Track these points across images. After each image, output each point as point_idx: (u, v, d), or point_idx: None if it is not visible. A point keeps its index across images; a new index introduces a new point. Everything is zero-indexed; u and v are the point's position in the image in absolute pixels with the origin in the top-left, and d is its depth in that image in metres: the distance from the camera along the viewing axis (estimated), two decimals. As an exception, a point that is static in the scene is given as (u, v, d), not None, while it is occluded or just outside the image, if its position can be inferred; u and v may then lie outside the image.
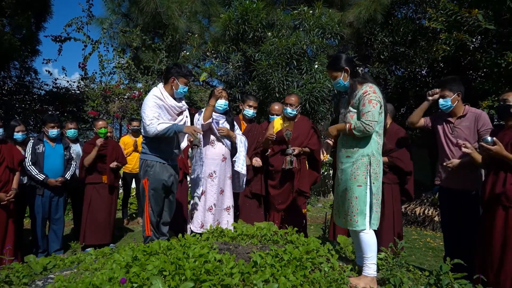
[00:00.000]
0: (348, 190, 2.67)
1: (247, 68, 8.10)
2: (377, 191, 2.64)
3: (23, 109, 8.90)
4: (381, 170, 2.69)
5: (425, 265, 4.74)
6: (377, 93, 2.59)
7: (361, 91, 2.64)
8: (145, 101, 3.49)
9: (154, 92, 3.54)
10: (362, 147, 2.63)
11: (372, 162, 2.61)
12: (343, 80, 2.79)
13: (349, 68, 2.75)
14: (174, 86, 3.57)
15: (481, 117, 3.50)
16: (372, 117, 2.52)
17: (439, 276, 2.69)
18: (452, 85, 3.55)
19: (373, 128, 2.54)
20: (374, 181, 2.62)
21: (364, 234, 2.61)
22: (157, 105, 3.47)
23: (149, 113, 3.41)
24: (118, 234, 6.08)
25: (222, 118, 4.21)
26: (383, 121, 2.70)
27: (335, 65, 2.83)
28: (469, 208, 3.51)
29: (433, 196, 7.24)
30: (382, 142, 2.74)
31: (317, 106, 6.99)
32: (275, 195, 4.39)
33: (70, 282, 2.41)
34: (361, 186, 2.60)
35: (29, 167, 4.51)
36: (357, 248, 2.86)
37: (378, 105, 2.56)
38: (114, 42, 9.70)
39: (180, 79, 3.56)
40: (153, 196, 3.56)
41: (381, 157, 2.72)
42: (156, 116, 3.42)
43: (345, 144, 2.76)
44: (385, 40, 8.99)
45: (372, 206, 2.62)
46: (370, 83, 2.66)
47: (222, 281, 2.21)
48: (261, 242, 3.43)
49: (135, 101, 8.36)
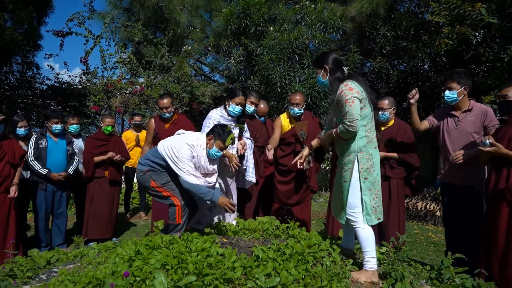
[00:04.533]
0: (339, 185, 2.76)
1: (249, 63, 8.09)
2: (373, 186, 2.64)
3: (25, 104, 8.90)
4: (376, 163, 2.68)
5: (426, 259, 4.75)
6: (354, 88, 2.58)
7: (338, 91, 2.66)
8: (180, 148, 3.33)
9: (193, 137, 3.43)
10: (348, 145, 2.67)
11: (360, 158, 2.61)
12: (321, 77, 2.86)
13: (328, 67, 2.79)
14: (209, 145, 3.45)
15: (488, 113, 3.46)
16: (351, 117, 2.53)
17: (440, 270, 2.70)
18: (460, 78, 3.49)
19: (356, 127, 2.54)
20: (367, 176, 2.61)
21: (360, 229, 2.63)
22: (191, 158, 3.37)
23: (186, 166, 3.31)
24: (120, 228, 6.11)
25: (233, 123, 4.05)
26: (370, 113, 2.69)
27: (318, 61, 2.91)
28: (471, 203, 3.50)
29: (435, 191, 7.24)
30: (374, 134, 2.73)
31: (319, 101, 6.98)
32: (284, 191, 4.39)
33: (73, 276, 2.43)
34: (346, 182, 2.66)
35: (32, 162, 4.53)
36: (344, 232, 3.01)
37: (356, 102, 2.55)
38: (115, 36, 9.69)
39: (218, 141, 3.41)
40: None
41: (375, 149, 2.71)
42: (192, 172, 3.32)
43: (337, 144, 2.82)
44: (387, 34, 8.94)
45: (365, 202, 2.61)
46: (346, 81, 2.66)
47: (224, 275, 2.23)
48: (263, 236, 3.45)
49: (137, 96, 8.36)
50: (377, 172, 2.69)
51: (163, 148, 3.42)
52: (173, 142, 3.42)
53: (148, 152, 3.61)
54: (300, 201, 4.41)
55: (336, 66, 2.80)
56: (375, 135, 2.74)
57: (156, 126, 4.65)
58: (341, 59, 7.40)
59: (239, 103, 3.92)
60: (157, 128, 4.66)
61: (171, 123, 4.71)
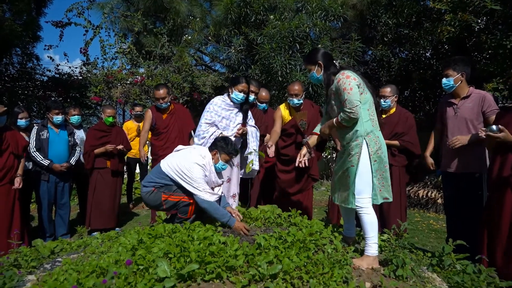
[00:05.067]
0: (345, 170, 2.72)
1: (249, 52, 8.05)
2: (379, 167, 2.66)
3: (26, 95, 8.89)
4: (383, 145, 2.69)
5: (427, 246, 4.78)
6: (350, 76, 2.61)
7: (335, 80, 2.69)
8: (192, 169, 3.32)
9: (199, 156, 3.41)
10: (354, 130, 2.66)
11: (369, 142, 2.63)
12: (316, 73, 2.89)
13: (322, 62, 2.83)
14: (214, 160, 3.48)
15: (486, 98, 3.45)
16: (351, 104, 2.55)
17: (441, 257, 2.72)
18: (457, 65, 3.50)
19: (357, 113, 2.56)
20: (377, 159, 2.63)
21: (366, 214, 2.63)
22: (204, 177, 3.37)
23: (201, 185, 3.31)
24: (123, 218, 6.14)
25: (235, 110, 4.05)
26: (370, 97, 2.72)
27: (310, 58, 2.93)
28: (472, 191, 3.50)
29: (436, 179, 7.25)
30: (376, 117, 2.75)
31: (320, 89, 6.95)
32: (285, 180, 4.40)
33: (77, 265, 2.45)
34: (354, 166, 2.64)
35: (33, 153, 4.54)
36: (345, 221, 3.00)
37: (354, 88, 2.58)
38: (115, 27, 9.64)
39: (223, 155, 3.48)
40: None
41: (379, 132, 2.73)
42: (208, 190, 3.33)
43: (341, 132, 2.80)
44: (388, 22, 8.85)
45: (375, 184, 2.64)
46: (342, 70, 2.70)
47: (226, 262, 2.24)
48: (264, 224, 3.47)
49: (137, 86, 8.33)
50: (385, 154, 2.70)
51: (170, 169, 3.38)
52: (179, 162, 3.37)
53: (150, 174, 3.56)
54: (302, 189, 4.42)
55: (329, 60, 2.85)
56: (377, 118, 2.76)
57: (154, 117, 4.64)
58: (343, 47, 7.42)
59: (242, 90, 3.91)
60: (154, 119, 4.65)
61: (169, 114, 4.71)
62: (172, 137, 4.70)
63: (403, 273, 2.40)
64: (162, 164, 3.46)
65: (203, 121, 3.94)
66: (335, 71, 2.77)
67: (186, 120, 4.86)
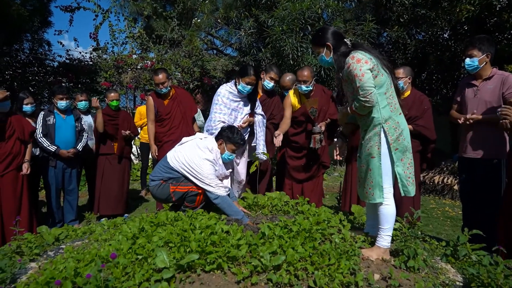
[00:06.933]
0: (364, 163, 2.54)
1: (260, 35, 7.87)
2: (404, 155, 2.45)
3: (37, 81, 8.92)
4: (405, 130, 2.48)
5: (442, 234, 4.64)
6: (361, 59, 2.36)
7: (345, 65, 2.44)
8: (202, 165, 3.24)
9: (207, 150, 3.33)
10: (372, 117, 2.46)
11: (387, 129, 2.42)
12: (325, 56, 2.63)
13: (331, 44, 2.57)
14: (220, 150, 3.40)
15: (508, 79, 3.24)
16: (364, 91, 2.33)
17: (456, 246, 2.59)
18: (482, 44, 3.27)
19: (372, 100, 2.35)
20: (398, 146, 2.43)
21: (384, 206, 2.47)
22: (215, 172, 3.31)
23: (213, 181, 3.22)
24: (133, 204, 6.15)
25: (243, 100, 3.92)
26: (387, 78, 2.48)
27: (317, 40, 2.65)
28: (490, 178, 3.34)
29: (453, 164, 7.04)
30: (396, 99, 2.52)
31: (333, 73, 6.76)
32: (295, 166, 4.30)
33: (78, 253, 2.41)
34: (375, 157, 2.45)
35: (40, 139, 4.52)
36: (369, 217, 2.79)
37: (366, 74, 2.33)
38: (124, 11, 9.55)
39: (229, 145, 3.39)
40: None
41: (400, 116, 2.51)
42: (220, 185, 3.25)
43: (359, 119, 2.61)
44: (405, 2, 8.49)
45: (399, 174, 2.44)
46: (352, 53, 2.44)
47: (228, 253, 2.16)
48: (271, 212, 3.37)
49: (147, 71, 8.27)
50: (408, 140, 2.49)
51: (178, 165, 3.28)
52: (188, 157, 3.27)
53: (156, 168, 3.48)
54: (313, 176, 4.31)
55: (338, 40, 2.57)
56: (397, 101, 2.53)
57: (155, 103, 4.54)
58: (357, 29, 7.17)
59: (249, 83, 3.76)
60: (156, 105, 4.54)
61: (170, 99, 4.59)
62: (176, 123, 4.59)
63: (414, 264, 2.28)
64: (170, 159, 3.36)
65: (213, 116, 3.82)
66: (346, 52, 2.51)
67: (188, 104, 4.73)
